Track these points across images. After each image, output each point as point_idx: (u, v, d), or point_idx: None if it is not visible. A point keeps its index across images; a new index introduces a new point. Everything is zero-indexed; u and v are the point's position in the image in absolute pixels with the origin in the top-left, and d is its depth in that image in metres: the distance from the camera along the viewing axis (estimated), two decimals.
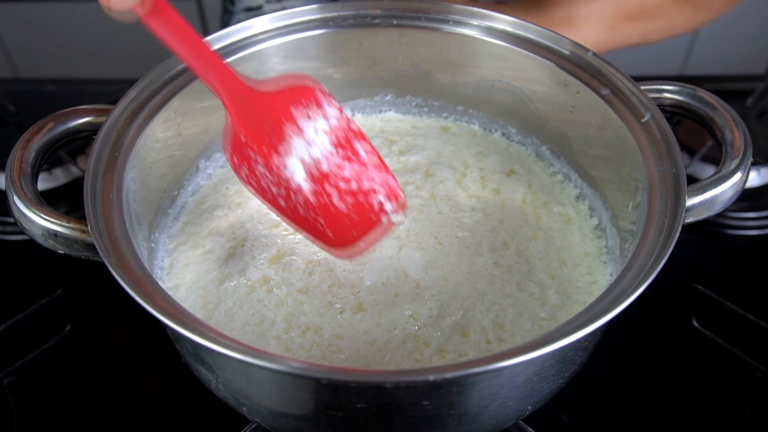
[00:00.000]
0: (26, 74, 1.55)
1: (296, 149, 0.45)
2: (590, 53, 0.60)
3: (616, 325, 0.47)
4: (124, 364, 0.71)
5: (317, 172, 0.46)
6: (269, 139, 0.44)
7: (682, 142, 0.52)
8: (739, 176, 0.50)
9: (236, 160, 0.47)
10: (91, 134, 0.54)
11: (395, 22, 0.65)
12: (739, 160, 0.51)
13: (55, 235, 0.48)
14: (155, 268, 0.58)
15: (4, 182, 0.81)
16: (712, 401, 0.68)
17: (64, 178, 0.87)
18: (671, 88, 0.57)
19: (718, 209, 0.51)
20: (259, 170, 0.46)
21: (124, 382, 0.70)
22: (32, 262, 0.80)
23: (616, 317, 0.41)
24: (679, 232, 0.45)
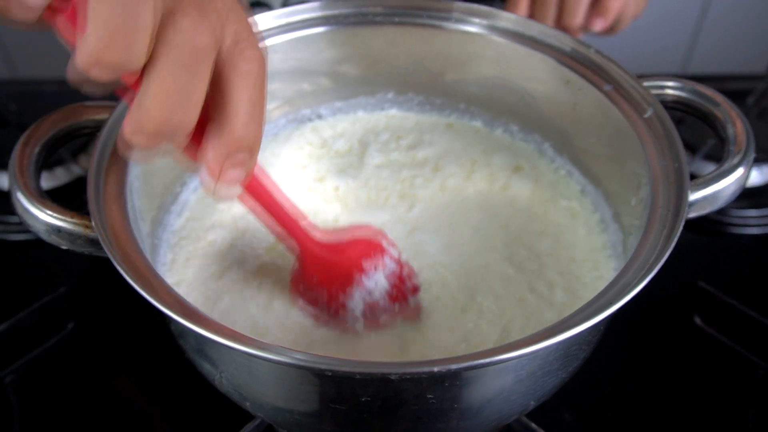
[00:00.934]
0: (26, 74, 1.55)
1: (361, 293, 0.52)
2: (592, 49, 0.60)
3: (618, 322, 0.47)
4: (127, 361, 0.71)
5: (371, 305, 0.53)
6: (339, 283, 0.52)
7: (683, 140, 0.52)
8: (741, 171, 0.51)
9: (300, 289, 0.55)
10: (94, 131, 0.54)
11: (397, 19, 0.65)
12: (741, 155, 0.51)
13: (58, 230, 0.48)
14: (158, 264, 0.58)
15: (6, 181, 0.82)
16: (714, 399, 0.68)
17: (65, 177, 0.87)
18: (673, 84, 0.57)
19: (720, 204, 0.51)
20: (318, 300, 0.53)
21: (127, 380, 0.70)
22: (34, 259, 0.80)
23: (618, 314, 0.41)
24: (682, 226, 0.45)
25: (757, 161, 0.69)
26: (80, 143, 0.89)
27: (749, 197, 0.85)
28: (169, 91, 0.34)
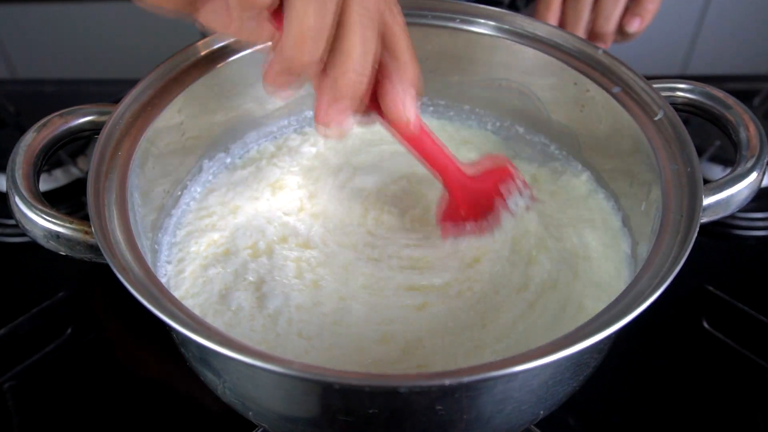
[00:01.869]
0: (25, 75, 1.54)
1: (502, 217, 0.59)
2: (600, 51, 0.59)
3: (625, 327, 0.46)
4: (126, 368, 0.70)
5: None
6: (482, 210, 0.59)
7: None
8: (755, 176, 0.50)
9: (448, 221, 0.60)
10: (93, 133, 0.53)
11: None
12: (755, 159, 0.50)
13: (57, 236, 0.47)
14: (159, 269, 0.57)
15: (4, 184, 0.81)
16: (723, 403, 0.67)
17: (64, 179, 0.86)
18: (684, 86, 0.56)
19: (733, 209, 0.50)
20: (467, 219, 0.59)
21: (126, 386, 0.69)
22: (33, 264, 0.79)
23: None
24: (696, 231, 0.45)
25: None
26: (79, 145, 0.89)
27: (755, 199, 0.84)
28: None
